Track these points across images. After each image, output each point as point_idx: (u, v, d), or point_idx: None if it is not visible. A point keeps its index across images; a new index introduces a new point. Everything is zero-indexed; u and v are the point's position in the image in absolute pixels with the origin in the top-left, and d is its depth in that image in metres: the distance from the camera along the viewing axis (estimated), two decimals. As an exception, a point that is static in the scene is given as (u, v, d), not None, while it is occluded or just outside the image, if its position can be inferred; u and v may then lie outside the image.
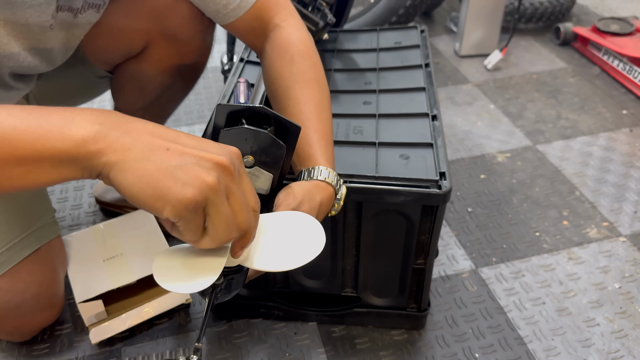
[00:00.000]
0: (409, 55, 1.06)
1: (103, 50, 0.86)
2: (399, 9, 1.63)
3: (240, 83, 0.91)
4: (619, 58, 1.61)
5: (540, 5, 1.88)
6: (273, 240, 0.58)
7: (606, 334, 0.93)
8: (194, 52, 0.89)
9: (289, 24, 0.76)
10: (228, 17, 0.76)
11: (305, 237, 0.58)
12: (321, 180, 0.66)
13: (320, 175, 0.67)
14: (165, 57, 0.88)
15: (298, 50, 0.74)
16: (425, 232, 0.81)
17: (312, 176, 0.66)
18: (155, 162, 0.43)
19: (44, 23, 0.69)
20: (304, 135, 0.68)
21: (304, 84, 0.73)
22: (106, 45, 0.84)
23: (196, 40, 0.87)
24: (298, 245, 0.58)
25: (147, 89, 0.93)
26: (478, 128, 1.46)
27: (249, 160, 0.62)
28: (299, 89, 0.72)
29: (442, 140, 0.83)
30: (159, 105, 0.98)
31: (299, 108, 0.71)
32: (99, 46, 0.84)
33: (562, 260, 1.07)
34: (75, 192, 1.26)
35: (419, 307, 0.91)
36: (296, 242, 0.58)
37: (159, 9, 0.82)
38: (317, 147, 0.69)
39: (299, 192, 0.63)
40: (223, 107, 0.62)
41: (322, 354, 0.90)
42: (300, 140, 0.67)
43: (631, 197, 1.22)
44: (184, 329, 0.95)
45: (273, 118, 0.63)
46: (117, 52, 0.88)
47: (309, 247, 0.57)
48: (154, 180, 0.43)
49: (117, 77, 0.94)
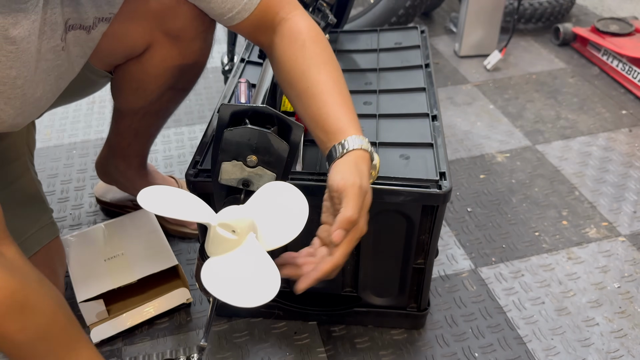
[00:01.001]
0: (409, 56, 1.06)
1: (105, 52, 0.86)
2: (398, 10, 1.63)
3: (241, 83, 0.91)
4: (619, 58, 1.62)
5: (539, 6, 1.88)
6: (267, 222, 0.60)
7: (605, 333, 0.93)
8: (196, 53, 0.90)
9: (294, 15, 0.77)
10: (233, 20, 0.76)
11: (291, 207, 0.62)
12: (357, 149, 0.67)
13: (355, 144, 0.67)
14: (167, 58, 0.88)
15: (308, 36, 0.75)
16: (425, 232, 0.81)
17: (349, 147, 0.66)
18: None
19: (56, 47, 0.70)
20: (330, 111, 0.70)
21: (320, 65, 0.73)
22: (109, 47, 0.85)
23: (198, 41, 0.88)
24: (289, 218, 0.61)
25: (148, 89, 0.93)
26: (477, 128, 1.46)
27: (253, 160, 0.62)
28: (315, 71, 0.73)
29: (442, 141, 0.83)
30: (159, 104, 0.98)
31: (320, 88, 0.72)
32: (101, 48, 0.84)
33: (561, 260, 1.07)
34: (76, 192, 1.27)
35: (418, 306, 0.91)
36: (286, 215, 0.61)
37: (162, 10, 0.82)
38: (345, 120, 0.69)
39: (348, 169, 0.64)
40: (227, 107, 0.62)
41: (322, 354, 0.91)
42: (327, 116, 0.69)
43: (630, 197, 1.22)
44: (185, 328, 0.95)
45: (276, 118, 0.63)
46: (119, 54, 0.88)
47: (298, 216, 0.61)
48: None
49: (118, 78, 0.94)
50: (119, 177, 1.10)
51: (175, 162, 1.36)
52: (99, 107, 1.58)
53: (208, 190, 0.74)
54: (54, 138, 1.46)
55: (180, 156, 1.38)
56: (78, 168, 1.34)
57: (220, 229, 0.54)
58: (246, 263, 0.53)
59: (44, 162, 1.36)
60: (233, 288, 0.50)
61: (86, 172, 1.33)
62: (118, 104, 1.00)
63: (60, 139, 1.45)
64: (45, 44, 0.68)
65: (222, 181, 0.64)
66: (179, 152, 1.39)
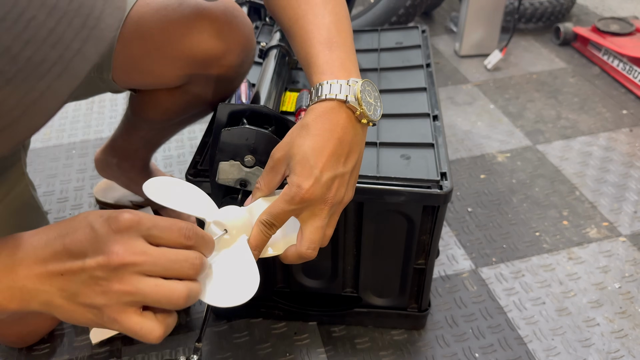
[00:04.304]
0: (410, 56, 1.06)
1: (135, 82, 0.82)
2: (399, 9, 1.63)
3: (241, 83, 0.91)
4: (619, 58, 1.61)
5: (540, 5, 1.88)
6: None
7: (606, 333, 0.93)
8: (233, 90, 0.87)
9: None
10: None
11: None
12: (330, 99, 0.54)
13: (314, 96, 0.56)
14: (201, 94, 0.85)
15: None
16: (426, 232, 0.81)
17: (320, 95, 0.55)
18: (60, 302, 0.44)
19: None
20: (304, 50, 0.59)
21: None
22: (141, 81, 0.81)
23: (238, 82, 0.85)
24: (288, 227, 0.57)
25: (174, 113, 0.90)
26: (478, 128, 1.46)
27: (250, 160, 0.62)
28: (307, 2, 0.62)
29: (443, 141, 0.83)
30: (180, 123, 0.95)
31: (307, 18, 0.60)
32: (133, 80, 0.80)
33: (562, 260, 1.07)
34: (76, 192, 1.26)
35: (419, 307, 0.91)
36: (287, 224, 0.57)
37: (207, 59, 0.78)
38: (314, 61, 0.57)
39: (286, 149, 0.55)
40: (224, 106, 0.62)
41: (322, 354, 0.90)
42: (303, 59, 0.59)
43: (631, 197, 1.22)
44: (184, 329, 0.95)
45: (274, 118, 0.63)
46: (152, 87, 0.84)
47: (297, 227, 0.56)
48: (74, 316, 0.44)
49: (142, 98, 0.89)
50: (121, 175, 1.10)
51: (175, 162, 1.36)
52: (98, 107, 1.57)
53: (205, 191, 0.74)
54: (53, 138, 1.45)
55: (180, 156, 1.38)
56: (77, 168, 1.34)
57: (214, 227, 0.54)
58: (229, 263, 0.52)
59: (43, 162, 1.35)
60: (209, 286, 0.49)
61: (85, 172, 1.32)
62: (134, 117, 0.96)
63: (60, 139, 1.45)
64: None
65: (220, 181, 0.64)
66: (179, 152, 1.39)
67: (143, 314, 0.44)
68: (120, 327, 0.44)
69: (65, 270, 0.43)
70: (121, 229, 0.43)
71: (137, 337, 0.44)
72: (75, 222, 0.45)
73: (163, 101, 0.88)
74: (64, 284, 0.43)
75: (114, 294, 0.43)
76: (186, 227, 0.46)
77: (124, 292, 0.43)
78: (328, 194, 0.54)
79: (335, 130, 0.54)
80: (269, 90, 0.83)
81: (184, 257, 0.45)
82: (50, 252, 0.44)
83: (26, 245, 0.44)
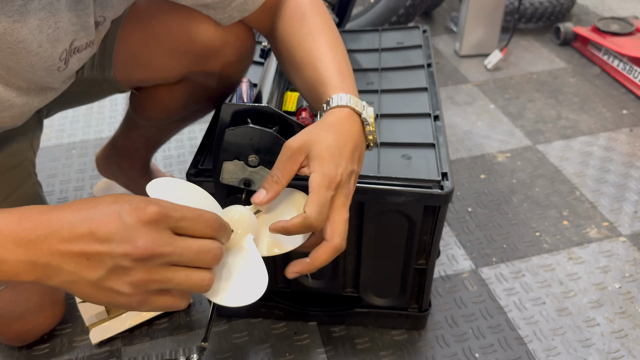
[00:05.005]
0: (411, 56, 1.06)
1: (137, 79, 0.84)
2: (399, 9, 1.63)
3: (242, 83, 0.91)
4: (619, 58, 1.61)
5: (540, 5, 1.88)
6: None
7: (606, 333, 0.93)
8: (233, 86, 0.88)
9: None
10: (245, 12, 0.74)
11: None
12: (342, 107, 0.60)
13: (332, 104, 0.61)
14: (201, 90, 0.86)
15: (309, 9, 0.71)
16: (426, 233, 0.81)
17: (332, 104, 0.61)
18: (84, 284, 0.45)
19: (52, 67, 0.64)
20: (320, 77, 0.64)
21: (315, 33, 0.69)
22: (142, 77, 0.82)
23: (237, 79, 0.86)
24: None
25: (174, 111, 0.91)
26: (478, 128, 1.46)
27: (254, 160, 0.62)
28: (310, 40, 0.68)
29: (444, 141, 0.83)
30: (180, 121, 0.96)
31: (313, 55, 0.67)
32: (133, 74, 0.81)
33: (562, 260, 1.07)
34: (76, 192, 1.26)
35: (420, 307, 0.91)
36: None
37: (206, 52, 0.78)
38: (329, 81, 0.63)
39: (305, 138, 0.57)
40: (228, 106, 0.62)
41: (322, 354, 0.90)
42: (317, 83, 0.64)
43: (631, 197, 1.22)
44: (184, 329, 0.95)
45: (278, 117, 0.63)
46: (151, 81, 0.85)
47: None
48: (97, 298, 0.46)
49: (142, 95, 0.90)
50: (121, 175, 1.10)
51: (174, 162, 1.36)
52: (98, 107, 1.57)
53: (208, 190, 0.73)
54: (53, 138, 1.45)
55: (180, 156, 1.38)
56: (77, 168, 1.34)
57: None
58: (237, 263, 0.52)
59: (43, 162, 1.35)
60: (218, 285, 0.50)
61: (85, 172, 1.32)
62: (135, 115, 0.97)
63: (60, 139, 1.45)
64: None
65: (224, 181, 0.64)
66: (179, 152, 1.39)
67: (168, 292, 0.47)
68: (150, 308, 0.46)
69: (90, 253, 0.44)
70: (149, 221, 0.44)
71: (166, 311, 0.47)
72: (101, 207, 0.46)
73: (163, 98, 0.88)
74: (89, 265, 0.44)
75: (141, 283, 0.44)
76: (212, 219, 0.48)
77: (152, 281, 0.45)
78: (349, 185, 0.58)
79: (352, 132, 0.60)
80: (271, 90, 0.83)
81: (207, 248, 0.47)
82: (76, 234, 0.45)
83: (51, 222, 0.45)
